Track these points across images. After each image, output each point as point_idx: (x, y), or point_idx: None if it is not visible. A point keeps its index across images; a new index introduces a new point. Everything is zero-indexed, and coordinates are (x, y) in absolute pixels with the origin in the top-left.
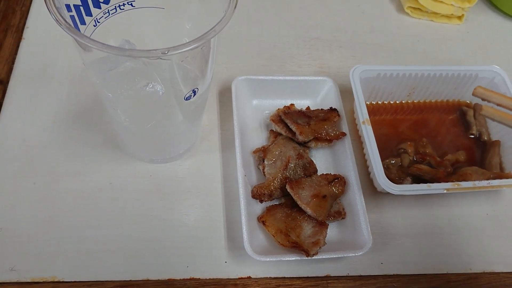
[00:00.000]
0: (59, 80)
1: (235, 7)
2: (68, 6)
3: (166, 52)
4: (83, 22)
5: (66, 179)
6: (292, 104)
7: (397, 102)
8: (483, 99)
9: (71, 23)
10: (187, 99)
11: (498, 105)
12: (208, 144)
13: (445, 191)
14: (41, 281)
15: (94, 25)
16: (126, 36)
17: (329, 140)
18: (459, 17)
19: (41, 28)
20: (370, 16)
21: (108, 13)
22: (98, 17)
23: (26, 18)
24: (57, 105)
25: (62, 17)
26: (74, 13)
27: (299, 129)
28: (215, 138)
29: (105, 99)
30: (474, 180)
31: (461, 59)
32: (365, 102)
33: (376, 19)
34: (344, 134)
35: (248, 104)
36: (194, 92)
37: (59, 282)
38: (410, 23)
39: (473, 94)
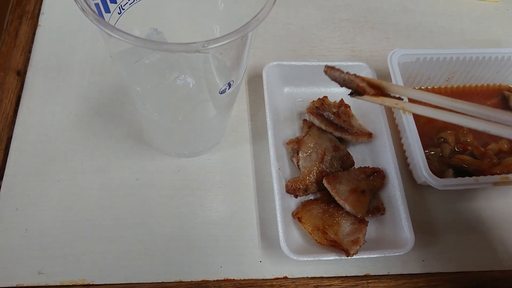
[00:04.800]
0: (79, 70)
1: None
2: None
3: (206, 45)
4: (107, 10)
5: (91, 176)
6: (325, 97)
7: (435, 87)
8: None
9: (96, 11)
10: (221, 92)
11: None
12: (237, 136)
13: (492, 186)
14: (71, 284)
15: (118, 13)
16: (152, 24)
17: (369, 134)
18: None
19: (58, 14)
20: None
21: None
22: (122, 4)
23: (41, 3)
24: (78, 97)
25: (89, 6)
26: (98, 0)
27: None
28: (244, 130)
29: (134, 93)
30: None
31: (501, 39)
32: None
33: None
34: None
35: (279, 92)
36: (229, 85)
37: (89, 285)
38: (446, 1)
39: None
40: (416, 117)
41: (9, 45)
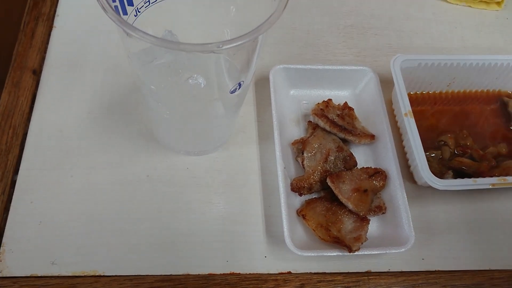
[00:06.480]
0: (93, 70)
1: None
2: None
3: (221, 46)
4: (125, 12)
5: (103, 171)
6: (330, 99)
7: (436, 92)
8: None
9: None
10: (232, 92)
11: None
12: (244, 136)
13: (490, 187)
14: (82, 275)
15: (135, 15)
16: (165, 27)
17: (372, 136)
18: (498, 3)
19: (72, 16)
20: (405, 1)
21: (148, 2)
22: (139, 7)
23: (56, 5)
24: (91, 96)
25: (110, 7)
26: (117, 3)
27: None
28: (251, 130)
29: (148, 91)
30: None
31: (501, 46)
32: None
33: (411, 5)
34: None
35: (285, 94)
36: (240, 84)
37: (100, 276)
38: (447, 9)
39: None
40: (417, 122)
41: (26, 45)
